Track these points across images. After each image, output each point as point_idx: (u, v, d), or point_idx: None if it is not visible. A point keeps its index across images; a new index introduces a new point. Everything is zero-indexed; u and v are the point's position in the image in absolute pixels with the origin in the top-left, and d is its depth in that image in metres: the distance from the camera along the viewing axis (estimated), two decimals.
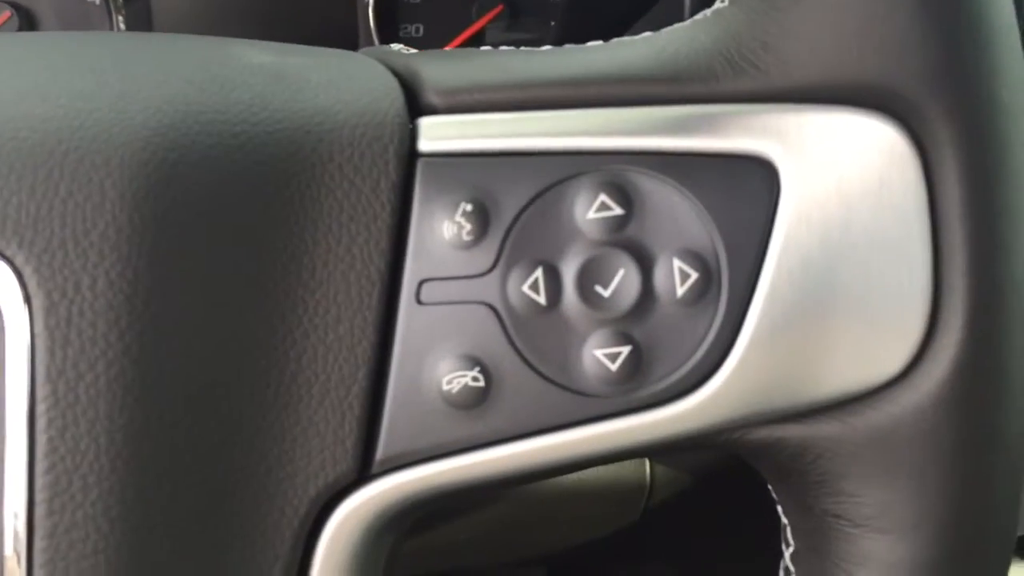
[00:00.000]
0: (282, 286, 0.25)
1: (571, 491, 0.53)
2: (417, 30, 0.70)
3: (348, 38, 0.70)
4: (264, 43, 0.30)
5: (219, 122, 0.26)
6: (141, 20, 0.70)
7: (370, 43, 0.69)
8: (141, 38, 0.31)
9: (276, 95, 0.27)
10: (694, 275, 0.26)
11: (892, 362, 0.26)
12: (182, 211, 0.25)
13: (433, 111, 0.27)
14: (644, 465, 0.55)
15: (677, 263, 0.26)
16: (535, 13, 0.69)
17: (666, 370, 0.26)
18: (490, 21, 0.68)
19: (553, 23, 0.61)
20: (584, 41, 0.53)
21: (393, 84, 0.28)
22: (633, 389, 0.26)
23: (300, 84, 0.27)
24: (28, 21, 0.69)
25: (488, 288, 0.26)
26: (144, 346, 0.24)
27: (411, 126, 0.27)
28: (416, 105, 0.27)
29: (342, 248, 0.26)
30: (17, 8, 0.68)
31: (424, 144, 0.27)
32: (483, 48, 0.30)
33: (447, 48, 0.69)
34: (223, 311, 0.25)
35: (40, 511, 0.24)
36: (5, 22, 0.68)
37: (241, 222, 0.25)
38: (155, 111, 0.25)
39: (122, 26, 0.68)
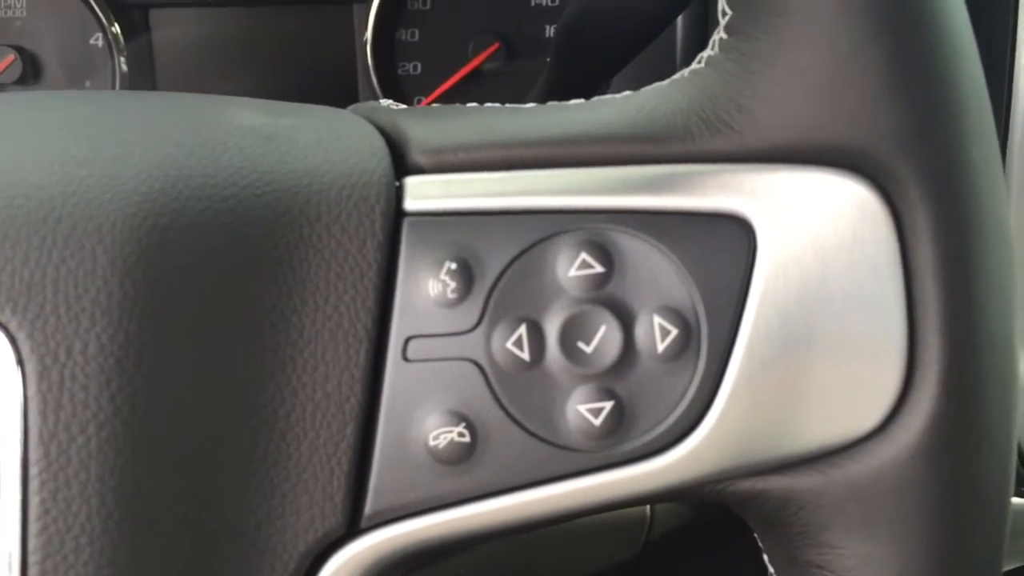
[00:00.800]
0: (271, 345, 0.26)
1: (571, 526, 0.53)
2: (415, 68, 0.71)
3: (347, 77, 0.71)
4: (257, 101, 0.31)
5: (209, 186, 0.26)
6: (143, 61, 0.70)
7: (368, 81, 0.69)
8: (136, 98, 0.32)
9: (265, 157, 0.27)
10: (674, 331, 0.27)
11: (870, 415, 0.27)
12: (172, 275, 0.25)
13: (419, 170, 0.28)
14: None
15: (657, 320, 0.27)
16: (530, 50, 0.69)
17: (648, 424, 0.27)
18: (486, 58, 0.69)
19: (548, 59, 0.62)
20: (579, 77, 0.54)
21: (380, 144, 0.28)
22: (616, 443, 0.27)
23: (289, 145, 0.28)
24: (32, 64, 0.70)
25: (473, 345, 0.27)
26: (135, 408, 0.25)
27: (397, 185, 0.27)
28: (402, 164, 0.28)
29: (330, 307, 0.26)
30: (20, 51, 0.69)
31: (410, 203, 0.27)
32: (469, 105, 0.31)
33: (444, 85, 0.70)
34: (213, 372, 0.25)
35: (33, 572, 0.24)
36: (9, 65, 0.69)
37: (230, 284, 0.26)
38: (146, 176, 0.26)
39: (124, 68, 0.68)
